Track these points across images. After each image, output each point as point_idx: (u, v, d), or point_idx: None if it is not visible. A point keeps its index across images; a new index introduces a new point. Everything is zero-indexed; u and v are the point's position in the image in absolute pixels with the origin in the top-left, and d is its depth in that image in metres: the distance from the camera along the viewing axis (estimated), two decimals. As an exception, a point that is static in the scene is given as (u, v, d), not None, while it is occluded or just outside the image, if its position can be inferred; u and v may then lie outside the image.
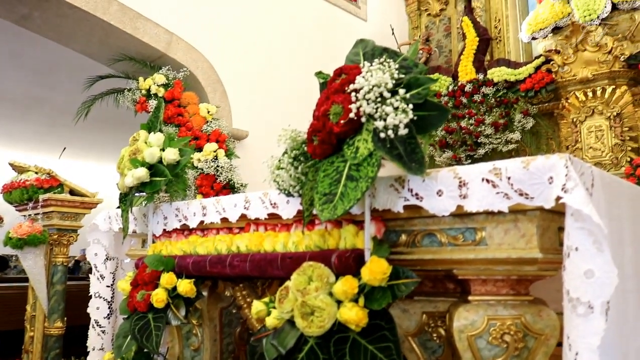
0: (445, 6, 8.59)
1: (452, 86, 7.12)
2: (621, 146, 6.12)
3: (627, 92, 6.19)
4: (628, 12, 6.76)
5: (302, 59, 7.04)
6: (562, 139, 6.60)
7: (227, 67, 6.21)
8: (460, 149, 6.75)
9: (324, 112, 1.47)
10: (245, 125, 6.18)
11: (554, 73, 6.52)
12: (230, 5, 6.36)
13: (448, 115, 1.43)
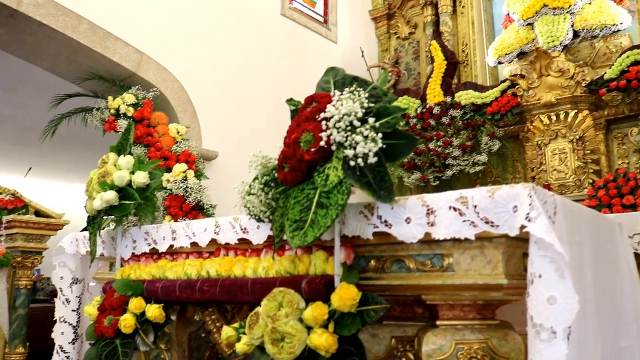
0: (414, 30, 8.75)
1: (421, 108, 7.23)
2: (584, 168, 6.28)
3: (588, 116, 6.38)
4: (588, 40, 7.00)
5: (273, 80, 7.08)
6: (527, 161, 6.75)
7: (197, 87, 6.21)
8: (428, 171, 6.84)
9: (295, 140, 1.50)
10: (215, 146, 6.17)
11: (519, 97, 6.68)
12: (201, 26, 6.38)
13: (417, 144, 1.47)
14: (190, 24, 6.27)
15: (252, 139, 6.34)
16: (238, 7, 6.84)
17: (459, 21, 8.02)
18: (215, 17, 6.54)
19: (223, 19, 6.63)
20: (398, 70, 8.29)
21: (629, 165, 6.26)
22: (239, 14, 6.84)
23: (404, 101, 7.55)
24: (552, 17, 7.10)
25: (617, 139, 6.42)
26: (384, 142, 1.41)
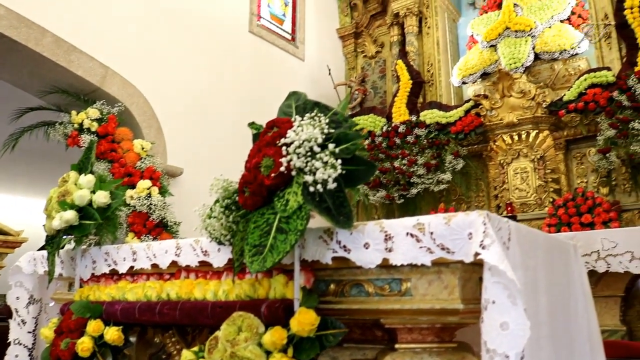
0: (380, 49, 8.87)
1: (386, 127, 7.31)
2: (544, 187, 6.43)
3: (549, 136, 6.55)
4: (549, 62, 7.21)
5: (240, 96, 7.08)
6: (490, 180, 6.87)
7: (163, 103, 6.16)
8: (393, 189, 6.90)
9: (256, 165, 1.50)
10: (180, 162, 6.12)
11: (483, 117, 6.82)
12: (167, 41, 6.34)
13: (375, 170, 1.49)
14: (157, 39, 6.23)
15: (218, 156, 6.34)
16: (206, 23, 6.84)
17: (424, 41, 8.16)
18: (182, 33, 6.52)
19: (191, 35, 6.62)
20: (364, 89, 8.39)
21: (587, 184, 6.43)
22: (206, 29, 6.83)
23: (370, 119, 7.63)
24: (514, 40, 7.30)
25: (576, 159, 6.59)
26: (344, 168, 1.43)
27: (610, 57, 6.52)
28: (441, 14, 8.35)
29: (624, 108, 5.78)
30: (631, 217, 5.93)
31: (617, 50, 6.48)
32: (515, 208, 6.44)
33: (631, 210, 5.96)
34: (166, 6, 6.37)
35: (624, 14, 6.15)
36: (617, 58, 6.44)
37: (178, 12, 6.50)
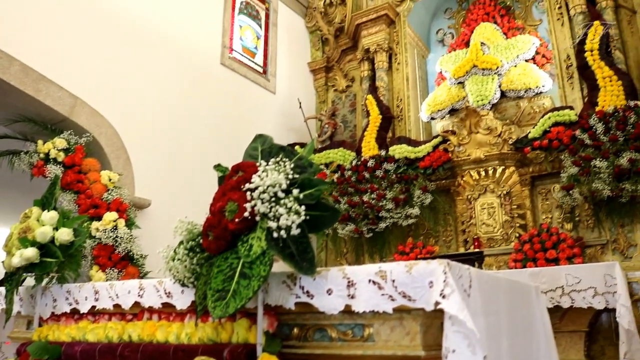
0: (351, 83, 9.00)
1: (356, 161, 7.36)
2: (510, 223, 6.52)
3: (515, 172, 6.67)
4: (514, 100, 7.40)
5: (211, 129, 7.07)
6: (458, 215, 6.95)
7: (132, 134, 6.12)
8: (362, 223, 6.92)
9: (220, 209, 1.51)
10: (148, 194, 6.06)
11: (451, 152, 6.92)
12: (139, 72, 6.32)
13: (339, 216, 1.51)
14: (128, 70, 6.21)
15: (186, 188, 6.30)
16: (178, 54, 6.85)
17: (394, 77, 8.29)
18: (154, 64, 6.52)
19: (162, 66, 6.61)
20: (335, 122, 8.46)
21: (552, 219, 6.54)
22: (178, 61, 6.84)
23: (339, 153, 7.68)
24: (481, 77, 7.47)
25: (541, 195, 6.71)
26: (308, 214, 1.44)
27: (572, 97, 6.70)
28: (411, 50, 8.51)
29: (586, 146, 5.93)
30: (594, 253, 6.04)
31: (579, 90, 6.66)
32: (483, 243, 6.51)
33: (594, 246, 6.07)
34: (138, 37, 6.37)
35: (585, 56, 6.35)
36: (579, 98, 6.62)
37: (150, 43, 6.51)
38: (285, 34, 9.01)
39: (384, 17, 8.33)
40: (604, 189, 5.61)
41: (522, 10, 8.42)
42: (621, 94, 6.04)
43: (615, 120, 5.82)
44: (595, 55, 6.29)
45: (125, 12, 6.25)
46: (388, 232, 6.95)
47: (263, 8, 8.73)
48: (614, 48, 6.43)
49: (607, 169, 5.63)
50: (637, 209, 5.73)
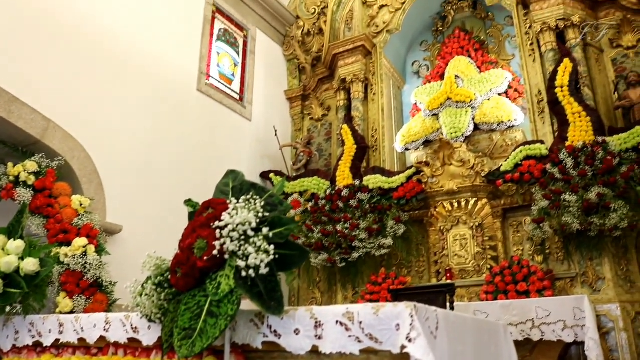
0: (327, 112, 9.06)
1: (330, 190, 7.38)
2: (482, 254, 6.57)
3: (487, 204, 6.75)
4: (487, 133, 7.52)
5: (186, 155, 7.04)
6: (431, 246, 6.99)
7: (106, 159, 6.05)
8: (335, 252, 6.92)
9: (189, 246, 1.50)
10: (120, 220, 5.98)
11: (424, 183, 6.99)
12: (114, 96, 6.28)
13: (308, 256, 1.51)
14: (104, 94, 6.17)
15: (159, 215, 6.24)
16: (154, 79, 6.83)
17: (370, 107, 8.38)
18: (130, 88, 6.48)
19: (138, 91, 6.58)
20: (310, 151, 8.48)
21: (523, 252, 6.61)
22: (154, 86, 6.81)
23: (314, 182, 7.70)
24: (455, 110, 7.60)
25: (512, 227, 6.79)
26: (277, 252, 1.44)
27: (543, 131, 6.83)
28: (386, 81, 8.63)
29: (556, 180, 6.04)
30: (564, 286, 6.11)
31: (550, 125, 6.80)
32: (455, 274, 6.55)
33: (564, 279, 6.14)
34: (115, 61, 6.34)
35: (555, 91, 6.50)
36: (550, 132, 6.75)
37: (127, 67, 6.48)
38: (262, 62, 9.07)
39: (360, 48, 8.45)
40: (573, 223, 5.71)
41: (495, 45, 8.62)
42: (590, 129, 6.18)
43: (584, 155, 5.95)
44: (565, 91, 6.44)
45: (102, 36, 6.24)
46: (361, 262, 6.95)
47: (241, 36, 8.79)
48: (583, 85, 6.59)
49: (577, 203, 5.73)
50: (605, 242, 5.83)
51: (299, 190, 7.81)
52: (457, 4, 8.91)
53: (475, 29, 8.82)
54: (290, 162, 8.64)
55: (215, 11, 8.25)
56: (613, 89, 6.79)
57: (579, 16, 6.92)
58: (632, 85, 6.54)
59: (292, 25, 9.67)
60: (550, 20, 6.96)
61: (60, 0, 5.87)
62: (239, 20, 8.73)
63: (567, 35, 6.91)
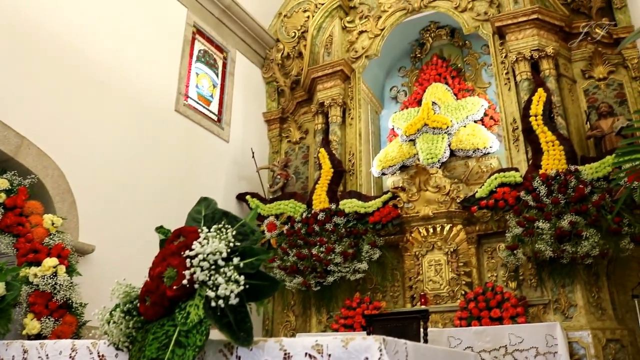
0: (305, 135, 9.09)
1: (306, 213, 7.37)
2: (457, 280, 6.60)
3: (462, 230, 6.80)
4: (463, 159, 7.61)
5: (162, 174, 6.99)
6: (405, 271, 7.00)
7: (80, 178, 5.97)
8: (310, 275, 6.89)
9: (159, 274, 1.49)
10: (92, 240, 5.89)
11: (400, 208, 7.02)
12: (91, 115, 6.20)
13: (279, 287, 1.50)
14: (80, 112, 6.10)
15: (133, 236, 6.15)
16: (132, 98, 6.78)
17: (347, 131, 8.43)
18: (107, 107, 6.42)
19: (115, 109, 6.52)
20: (287, 174, 8.48)
21: (497, 278, 6.65)
22: (132, 105, 6.77)
23: (290, 204, 7.69)
24: (432, 136, 7.68)
25: (487, 253, 6.84)
26: (247, 282, 1.43)
27: (518, 159, 6.93)
28: (364, 105, 8.71)
29: (530, 208, 6.12)
30: (537, 313, 6.16)
31: (524, 153, 6.91)
32: (429, 300, 6.56)
33: (537, 305, 6.19)
34: (92, 79, 6.29)
35: (529, 120, 6.62)
36: (524, 160, 6.85)
37: (104, 86, 6.44)
38: (241, 84, 9.09)
39: (339, 73, 8.52)
40: (546, 250, 5.78)
41: (472, 72, 8.77)
42: (563, 158, 6.29)
43: (558, 183, 6.05)
44: (539, 120, 6.56)
45: (80, 54, 6.21)
46: (336, 286, 6.94)
47: (221, 57, 8.81)
48: (557, 114, 6.73)
49: (550, 230, 5.81)
50: (577, 270, 5.91)
51: (275, 213, 7.79)
52: (435, 32, 9.05)
53: (453, 57, 8.97)
54: (267, 184, 8.62)
55: (196, 32, 8.27)
56: (585, 119, 6.94)
57: (553, 47, 7.09)
58: (603, 115, 6.70)
59: (272, 48, 9.73)
60: (525, 50, 7.11)
61: (39, 17, 5.83)
62: (219, 41, 8.75)
63: (542, 65, 7.06)
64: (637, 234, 5.66)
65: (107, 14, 6.67)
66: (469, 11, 8.07)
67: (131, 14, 7.03)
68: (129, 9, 7.01)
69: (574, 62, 7.36)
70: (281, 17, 9.86)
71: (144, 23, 7.22)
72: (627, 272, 6.18)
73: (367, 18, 8.94)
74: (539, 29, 7.15)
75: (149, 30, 7.27)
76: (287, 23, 9.76)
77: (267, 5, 9.73)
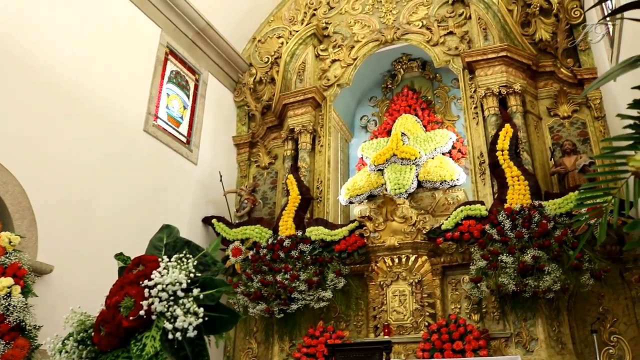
0: (274, 160, 9.07)
1: (272, 239, 7.32)
2: (420, 311, 6.60)
3: (427, 261, 6.83)
4: (430, 190, 7.68)
5: (128, 195, 6.86)
6: (370, 300, 6.97)
7: (41, 195, 5.81)
8: (274, 302, 6.82)
9: (115, 303, 1.44)
10: (52, 259, 5.72)
11: (366, 238, 7.03)
12: (55, 131, 6.06)
13: (238, 320, 1.47)
14: (46, 129, 5.96)
15: (95, 257, 5.99)
16: (99, 117, 6.66)
17: (316, 158, 8.44)
18: (73, 125, 6.29)
19: (81, 128, 6.38)
20: (254, 199, 8.41)
21: (461, 310, 6.68)
22: (99, 124, 6.64)
23: (256, 230, 7.63)
24: (400, 167, 7.74)
25: (451, 285, 6.87)
26: (207, 314, 1.40)
27: (484, 192, 7.03)
28: (334, 133, 8.75)
29: (494, 241, 6.18)
30: (498, 346, 6.18)
31: (490, 186, 7.01)
32: (393, 330, 6.53)
33: (499, 338, 6.22)
34: (58, 94, 6.16)
35: (496, 154, 6.73)
36: (490, 193, 6.95)
37: (70, 101, 6.31)
38: (212, 106, 9.06)
39: (310, 100, 8.57)
40: (509, 284, 5.83)
41: (442, 105, 8.91)
42: (527, 193, 6.40)
43: (522, 218, 6.14)
44: (505, 155, 6.68)
45: (47, 69, 6.11)
46: (299, 314, 6.87)
47: (193, 79, 8.78)
48: (522, 150, 6.86)
49: (513, 264, 5.88)
50: (538, 304, 5.98)
51: (241, 238, 7.72)
52: (407, 64, 9.19)
53: (423, 89, 9.11)
54: (234, 208, 8.55)
55: (169, 53, 8.24)
56: (550, 156, 7.09)
57: (520, 85, 7.26)
58: (567, 153, 6.85)
59: (244, 72, 9.75)
60: (493, 86, 7.27)
61: (6, 32, 5.73)
62: (191, 63, 8.73)
63: (509, 101, 7.22)
64: (597, 270, 5.76)
65: (79, 29, 6.61)
66: (440, 45, 8.23)
67: (104, 31, 6.97)
68: (102, 25, 6.96)
69: (540, 99, 7.54)
70: (255, 42, 9.90)
71: (117, 41, 7.16)
72: (587, 307, 6.28)
73: (341, 47, 9.03)
74: (508, 66, 7.32)
75: (121, 48, 7.21)
76: (261, 48, 9.80)
77: (241, 29, 9.77)
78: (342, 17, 9.32)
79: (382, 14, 8.92)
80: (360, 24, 9.09)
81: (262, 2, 9.83)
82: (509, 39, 7.45)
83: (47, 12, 6.23)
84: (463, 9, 8.28)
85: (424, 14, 8.60)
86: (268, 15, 10.01)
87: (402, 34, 8.60)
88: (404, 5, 8.84)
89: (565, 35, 7.51)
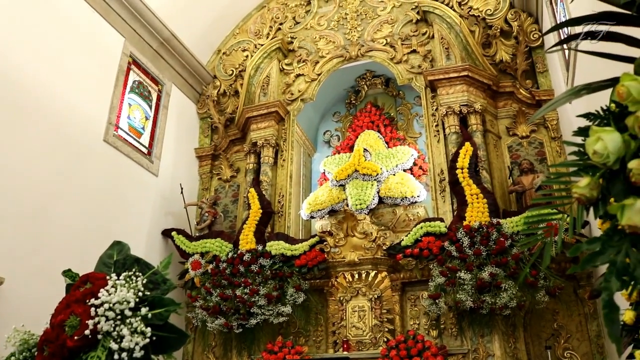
0: (236, 174, 9.02)
1: (232, 253, 7.26)
2: (380, 327, 6.62)
3: (386, 277, 6.87)
4: (391, 206, 7.73)
5: (85, 206, 6.69)
6: (329, 315, 6.97)
7: (-8, 204, 5.64)
8: (233, 317, 6.74)
9: (60, 322, 1.41)
10: (2, 272, 5.52)
11: (327, 253, 7.04)
12: (10, 139, 5.85)
13: (187, 340, 1.45)
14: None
15: (49, 270, 5.75)
16: (58, 125, 6.46)
17: (278, 172, 8.43)
18: (30, 132, 6.06)
19: (39, 135, 6.15)
20: (215, 211, 8.34)
21: (419, 326, 6.72)
22: (56, 132, 6.43)
23: (217, 243, 7.56)
24: (362, 182, 7.77)
25: (410, 301, 6.92)
26: (155, 334, 1.38)
27: (444, 209, 7.11)
28: (297, 148, 8.76)
29: (453, 258, 6.25)
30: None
31: (450, 204, 7.10)
32: (352, 346, 6.53)
33: (456, 354, 6.27)
34: (10, 102, 5.95)
35: (456, 172, 6.83)
36: (450, 210, 7.04)
37: (24, 109, 6.07)
38: (175, 118, 8.97)
39: (274, 114, 8.57)
40: (467, 300, 5.90)
41: (404, 122, 9.01)
42: (486, 211, 6.50)
43: (480, 235, 6.23)
44: (465, 173, 6.78)
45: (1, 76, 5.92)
46: (258, 329, 6.81)
47: (156, 89, 8.69)
48: (482, 168, 6.98)
49: (471, 281, 5.94)
50: (495, 320, 6.05)
51: (201, 251, 7.63)
52: (370, 80, 9.28)
53: (386, 106, 9.20)
54: (195, 221, 8.46)
55: (132, 62, 8.14)
56: (508, 174, 7.22)
57: (480, 104, 7.40)
58: (524, 172, 7.00)
59: (208, 84, 9.69)
60: (454, 105, 7.39)
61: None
62: (154, 74, 8.64)
63: (470, 120, 7.35)
64: (551, 287, 5.88)
65: (38, 36, 6.44)
66: (403, 63, 8.34)
67: (65, 39, 6.84)
68: (63, 33, 6.83)
69: (499, 119, 7.70)
70: (220, 54, 9.87)
71: (78, 49, 7.03)
72: (542, 324, 6.40)
73: (305, 62, 9.07)
74: (469, 86, 7.46)
75: (82, 57, 7.08)
76: (225, 61, 9.77)
77: (206, 41, 9.72)
78: (307, 32, 9.36)
79: (347, 31, 9.00)
80: (325, 39, 9.15)
81: (228, 15, 9.80)
82: (471, 59, 7.60)
83: (3, 16, 6.04)
84: (426, 28, 8.41)
85: (388, 31, 8.71)
86: (234, 28, 9.99)
87: (367, 50, 8.68)
88: (368, 22, 8.93)
89: (524, 57, 7.71)
